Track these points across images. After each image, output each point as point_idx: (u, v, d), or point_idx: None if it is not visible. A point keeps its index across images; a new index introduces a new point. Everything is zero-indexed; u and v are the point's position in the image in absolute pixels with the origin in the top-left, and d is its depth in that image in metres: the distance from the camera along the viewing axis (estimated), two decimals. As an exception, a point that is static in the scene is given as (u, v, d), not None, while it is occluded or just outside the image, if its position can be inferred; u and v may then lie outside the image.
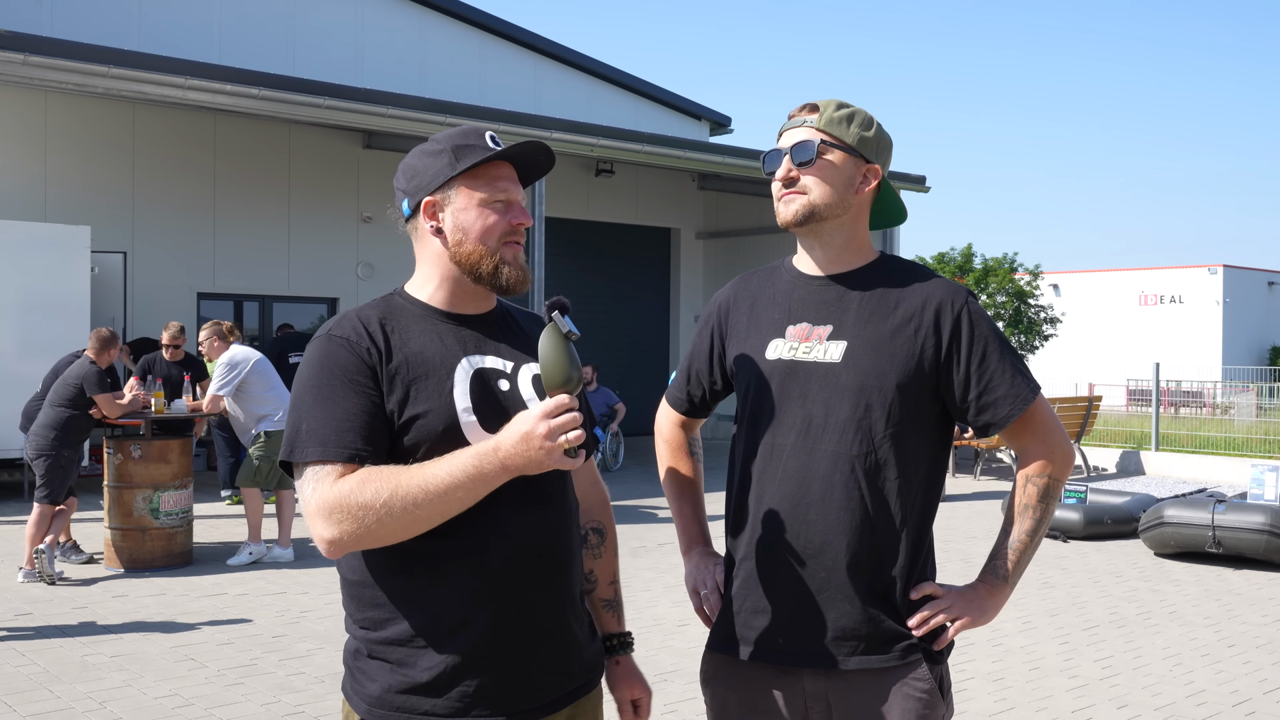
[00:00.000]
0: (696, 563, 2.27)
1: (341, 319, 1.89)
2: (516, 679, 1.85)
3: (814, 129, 2.08)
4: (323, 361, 1.83)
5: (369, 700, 1.85)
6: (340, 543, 1.74)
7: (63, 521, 7.41)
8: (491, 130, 1.96)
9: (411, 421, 1.81)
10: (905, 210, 2.26)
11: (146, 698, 4.91)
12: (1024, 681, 5.36)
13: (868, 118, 2.11)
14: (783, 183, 2.09)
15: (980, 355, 2.04)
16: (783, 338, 2.10)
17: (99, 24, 13.24)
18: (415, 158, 1.95)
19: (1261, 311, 38.65)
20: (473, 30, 17.03)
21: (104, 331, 7.72)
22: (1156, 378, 15.01)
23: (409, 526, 1.73)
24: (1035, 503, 2.08)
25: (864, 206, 2.13)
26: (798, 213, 2.07)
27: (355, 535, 1.72)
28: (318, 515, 1.74)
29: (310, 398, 1.82)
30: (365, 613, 1.87)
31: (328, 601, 6.72)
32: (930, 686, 2.01)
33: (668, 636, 6.03)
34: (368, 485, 1.72)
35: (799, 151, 2.07)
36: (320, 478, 1.75)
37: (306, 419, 1.80)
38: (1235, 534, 8.07)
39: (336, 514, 1.72)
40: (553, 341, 1.73)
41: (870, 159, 2.10)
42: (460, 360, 1.88)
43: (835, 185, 2.07)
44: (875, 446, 2.00)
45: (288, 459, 1.81)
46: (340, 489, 1.73)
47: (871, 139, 2.10)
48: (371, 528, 1.71)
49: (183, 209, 13.70)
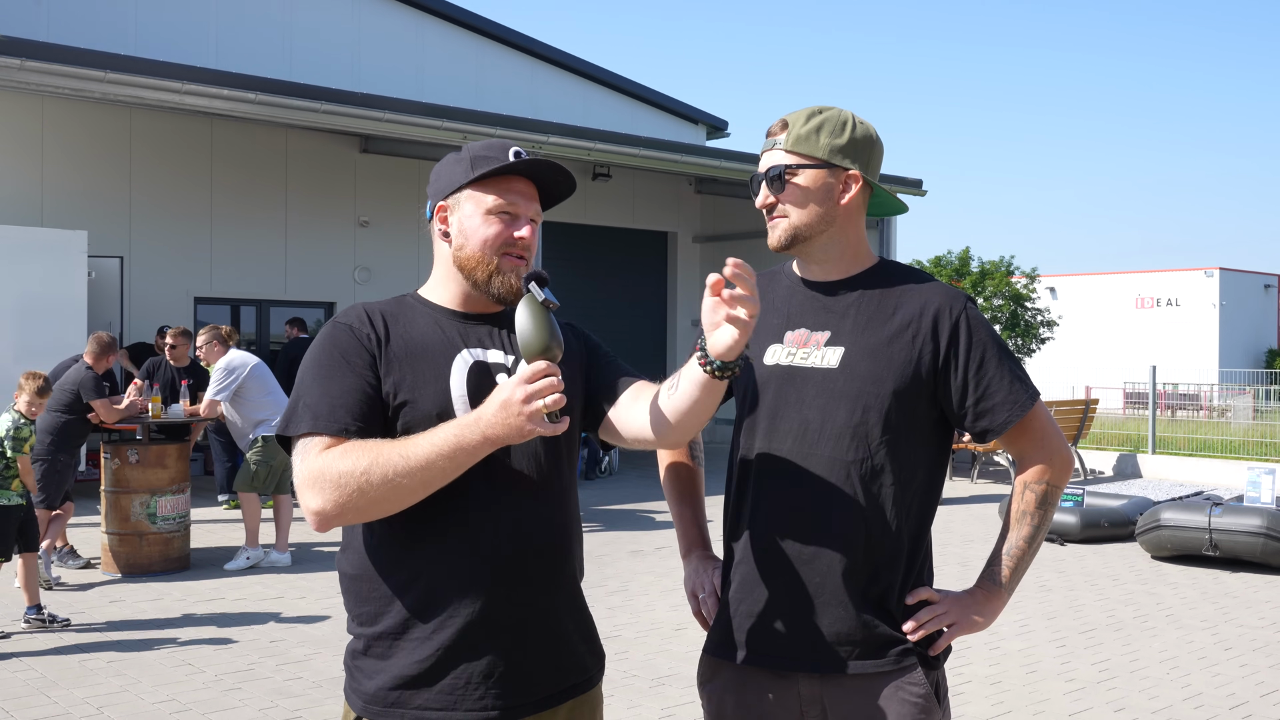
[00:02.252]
0: (695, 566, 2.28)
1: (350, 309, 1.97)
2: (508, 673, 1.86)
3: (783, 150, 2.08)
4: (325, 345, 1.90)
5: (364, 697, 1.87)
6: (325, 514, 1.76)
7: (59, 527, 7.40)
8: (484, 138, 1.97)
9: (405, 404, 1.86)
10: (902, 202, 2.25)
11: (144, 703, 4.91)
12: (1021, 685, 5.36)
13: (839, 122, 2.07)
14: (763, 209, 2.12)
15: (978, 361, 2.04)
16: (781, 343, 2.11)
17: (96, 28, 13.24)
18: (442, 164, 2.04)
19: (1258, 314, 38.72)
20: (469, 35, 17.04)
21: (103, 336, 7.72)
22: (1153, 381, 15.02)
23: (389, 496, 1.74)
24: (1033, 509, 2.08)
25: (852, 213, 2.11)
26: (780, 239, 2.10)
27: (339, 504, 1.74)
28: (304, 486, 1.78)
29: (310, 377, 1.87)
30: (362, 608, 1.90)
31: (325, 606, 6.71)
32: (926, 691, 2.00)
33: (665, 640, 6.03)
34: (348, 455, 1.75)
35: (769, 176, 2.08)
36: (308, 449, 1.80)
37: (304, 396, 1.86)
38: (1232, 537, 8.08)
39: (319, 483, 1.75)
40: (530, 311, 1.75)
41: (847, 166, 2.07)
42: (460, 351, 1.93)
43: (811, 204, 2.06)
44: (872, 453, 2.00)
45: (282, 433, 1.86)
46: (324, 459, 1.76)
47: (845, 145, 2.06)
48: (353, 496, 1.73)
49: (180, 213, 13.69)
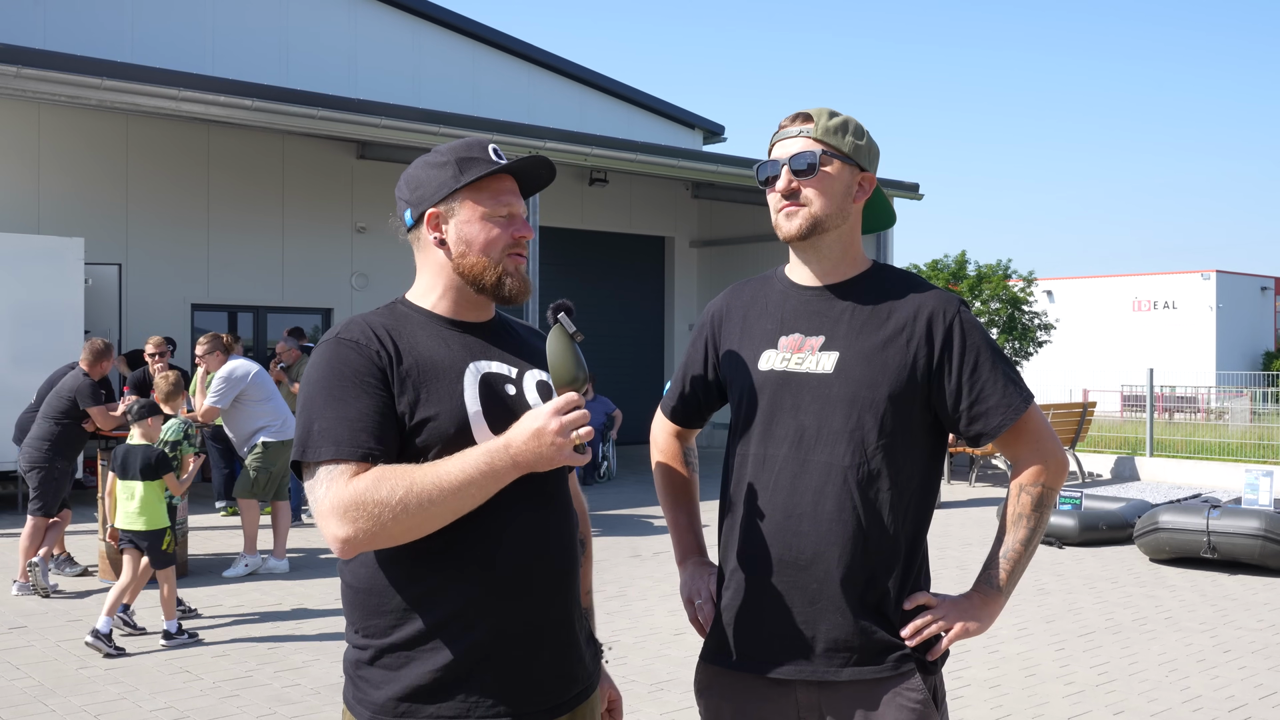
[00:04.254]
0: (691, 572, 2.27)
1: (349, 323, 1.92)
2: (520, 681, 1.86)
3: (811, 139, 2.06)
4: (332, 363, 1.85)
5: (373, 707, 1.85)
6: (354, 541, 1.74)
7: (57, 534, 7.39)
8: (493, 143, 1.98)
9: (424, 423, 1.84)
10: (894, 214, 2.27)
11: (142, 710, 4.90)
12: (1020, 688, 5.36)
13: (859, 126, 2.10)
14: (782, 194, 2.07)
15: (972, 365, 2.04)
16: (775, 348, 2.10)
17: (92, 35, 13.24)
18: (419, 169, 1.98)
19: (1255, 316, 38.76)
20: (466, 40, 17.05)
21: (98, 343, 7.70)
22: (1151, 383, 15.03)
23: (423, 524, 1.75)
24: (1029, 511, 2.08)
25: (859, 215, 2.14)
26: (801, 227, 2.06)
27: (370, 533, 1.73)
28: (332, 514, 1.74)
29: (322, 398, 1.82)
30: (369, 620, 1.88)
31: (323, 613, 6.71)
32: (924, 697, 2.00)
33: (664, 645, 6.03)
34: (383, 483, 1.73)
35: (798, 162, 2.05)
36: (334, 477, 1.76)
37: (318, 419, 1.81)
38: (1230, 539, 8.08)
39: (352, 512, 1.73)
40: (560, 342, 1.79)
41: (865, 167, 2.10)
42: (469, 364, 1.91)
43: (835, 196, 2.06)
44: (868, 458, 2.00)
45: (300, 459, 1.81)
46: (356, 487, 1.74)
47: (865, 147, 2.10)
48: (387, 525, 1.72)
49: (177, 220, 13.69)
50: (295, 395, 9.28)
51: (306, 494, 1.81)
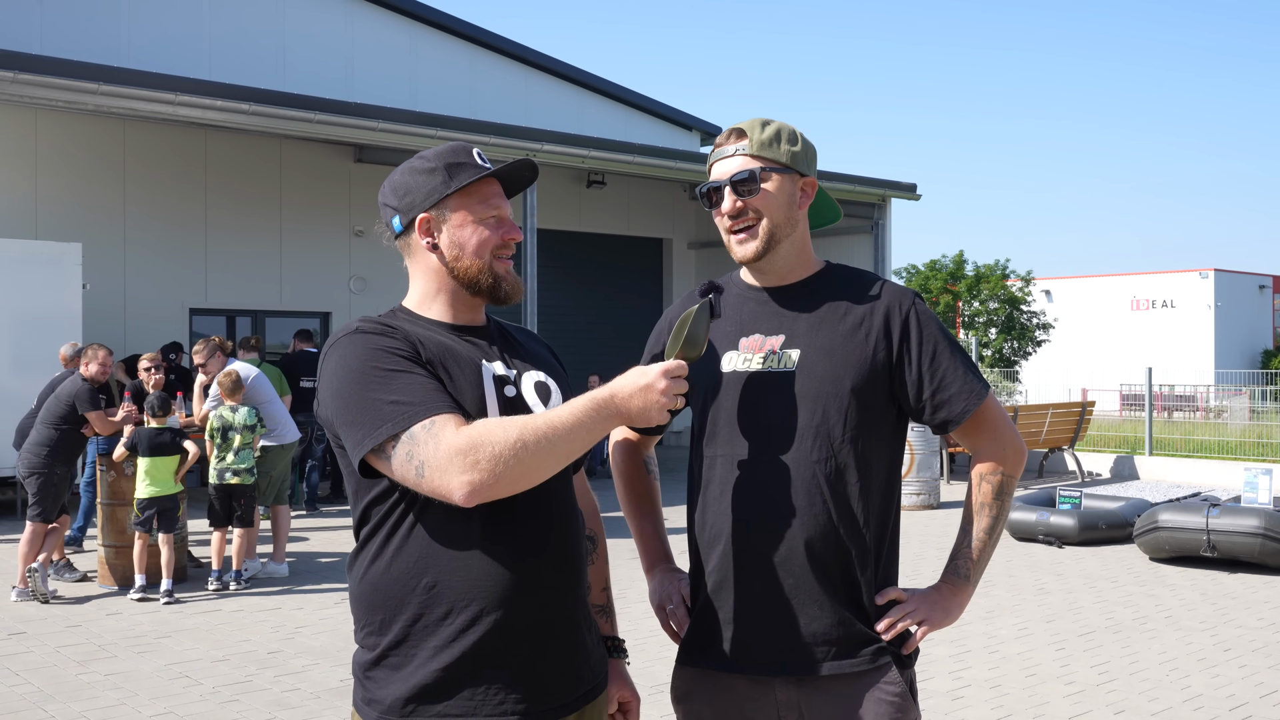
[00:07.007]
0: (660, 579, 2.30)
1: (360, 320, 1.93)
2: (526, 680, 1.87)
3: (748, 155, 2.08)
4: (369, 350, 1.83)
5: (380, 708, 1.86)
6: (480, 485, 1.71)
7: (55, 540, 7.38)
8: (478, 146, 2.00)
9: (457, 404, 1.85)
10: (839, 210, 2.31)
11: (141, 716, 4.89)
12: (1020, 688, 5.36)
13: (791, 132, 2.13)
14: (729, 215, 2.09)
15: (931, 354, 2.08)
16: (736, 350, 2.13)
17: (90, 39, 13.24)
18: (405, 175, 1.99)
19: (1253, 315, 38.80)
20: (463, 44, 17.07)
21: (68, 346, 7.76)
22: (1149, 382, 15.04)
23: (541, 465, 1.76)
24: (991, 500, 2.12)
25: (806, 219, 2.17)
26: (757, 249, 2.09)
27: (494, 475, 1.72)
28: (452, 462, 1.71)
29: (375, 379, 1.80)
30: (376, 618, 1.88)
31: (323, 617, 6.70)
32: (902, 690, 2.04)
33: (664, 648, 6.00)
34: (496, 427, 1.75)
35: (741, 182, 2.07)
36: (437, 429, 1.73)
37: (383, 396, 1.78)
38: (1230, 538, 8.08)
39: (473, 454, 1.71)
40: (701, 318, 1.93)
41: (805, 172, 2.13)
42: (483, 363, 1.94)
43: (780, 208, 2.09)
44: (835, 451, 2.03)
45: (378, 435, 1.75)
46: (469, 431, 1.73)
47: (801, 153, 2.12)
48: (510, 465, 1.72)
49: (174, 225, 13.69)
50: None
51: (400, 465, 1.74)
